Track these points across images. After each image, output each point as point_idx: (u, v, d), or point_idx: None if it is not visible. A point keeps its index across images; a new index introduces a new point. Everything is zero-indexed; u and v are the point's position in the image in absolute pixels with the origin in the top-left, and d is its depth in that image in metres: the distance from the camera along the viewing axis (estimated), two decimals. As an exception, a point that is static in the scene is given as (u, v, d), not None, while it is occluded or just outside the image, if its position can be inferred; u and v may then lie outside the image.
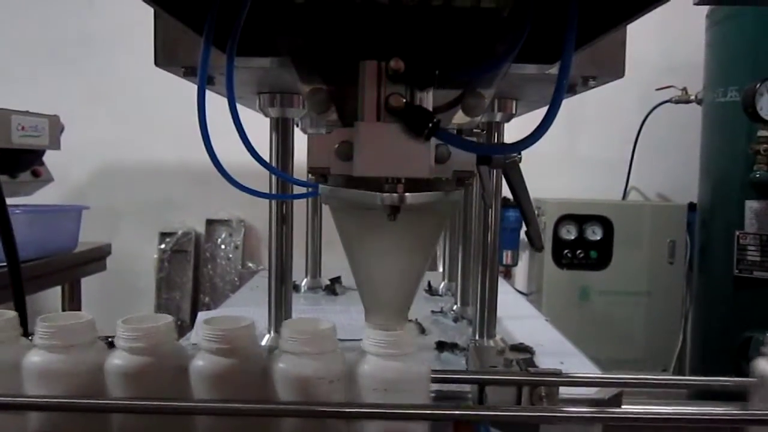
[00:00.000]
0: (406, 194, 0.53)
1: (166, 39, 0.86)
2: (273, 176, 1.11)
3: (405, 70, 0.50)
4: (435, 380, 0.72)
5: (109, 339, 0.65)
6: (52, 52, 3.06)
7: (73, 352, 0.61)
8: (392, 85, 0.52)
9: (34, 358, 0.61)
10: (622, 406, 0.58)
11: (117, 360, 0.61)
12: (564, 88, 0.48)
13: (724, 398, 0.66)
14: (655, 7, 0.53)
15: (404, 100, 0.51)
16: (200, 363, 0.61)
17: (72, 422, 0.59)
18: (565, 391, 0.66)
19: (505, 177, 0.66)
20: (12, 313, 0.66)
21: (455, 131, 0.74)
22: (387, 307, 0.63)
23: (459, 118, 0.62)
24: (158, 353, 0.61)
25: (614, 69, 0.88)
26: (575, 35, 0.48)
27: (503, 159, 0.60)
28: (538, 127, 0.50)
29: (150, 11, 0.86)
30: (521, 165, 0.66)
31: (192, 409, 0.59)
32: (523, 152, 0.86)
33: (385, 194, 0.53)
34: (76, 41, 3.05)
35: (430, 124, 0.51)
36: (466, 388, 0.73)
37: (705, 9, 2.42)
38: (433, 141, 0.54)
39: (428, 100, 0.55)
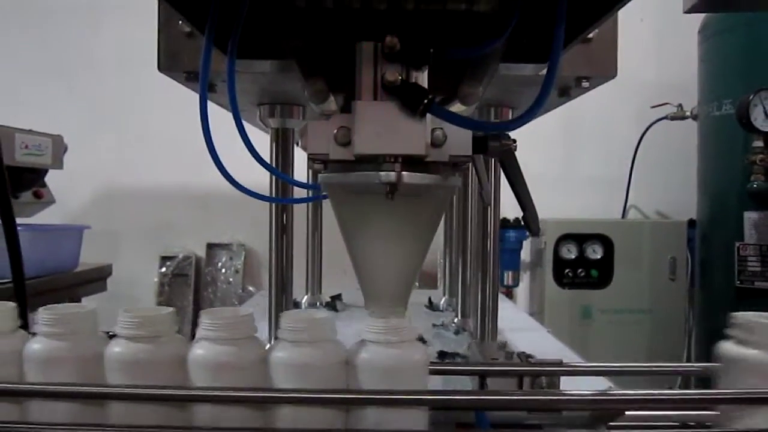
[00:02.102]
0: (404, 173, 0.54)
1: (169, 45, 0.88)
2: (273, 184, 1.12)
3: (400, 48, 0.52)
4: (437, 372, 0.72)
5: (111, 333, 0.65)
6: (58, 74, 3.09)
7: (74, 339, 0.61)
8: (388, 64, 0.53)
9: (36, 345, 0.61)
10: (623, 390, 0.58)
11: (117, 348, 0.61)
12: (560, 47, 0.48)
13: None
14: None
15: (399, 77, 0.53)
16: (200, 351, 0.61)
17: (72, 409, 0.59)
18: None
19: (501, 165, 0.67)
20: (10, 304, 0.66)
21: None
22: (386, 293, 0.63)
23: (455, 109, 0.63)
24: (158, 342, 0.61)
25: (607, 69, 0.89)
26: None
27: (499, 146, 0.61)
28: (535, 102, 0.51)
29: (154, 33, 0.89)
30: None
31: (192, 396, 0.59)
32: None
33: (382, 173, 0.54)
34: (81, 64, 3.09)
35: (425, 101, 0.52)
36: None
37: (697, 26, 2.46)
38: (430, 123, 0.55)
39: (423, 78, 0.56)
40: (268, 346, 1.13)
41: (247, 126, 1.15)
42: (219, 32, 0.62)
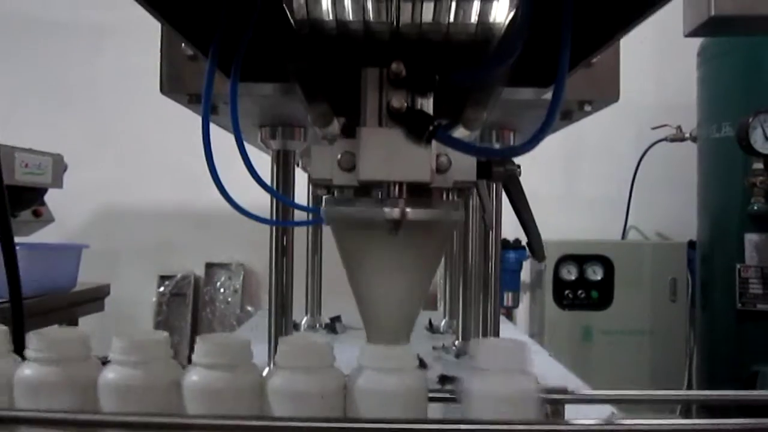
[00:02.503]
0: (408, 210, 0.54)
1: (172, 68, 0.88)
2: (273, 206, 1.11)
3: (406, 74, 0.52)
4: (438, 400, 0.71)
5: (104, 358, 0.64)
6: (59, 94, 3.10)
7: (66, 365, 0.60)
8: (393, 90, 0.53)
9: (26, 371, 0.60)
10: (632, 420, 0.57)
11: (110, 374, 0.60)
12: (565, 74, 0.48)
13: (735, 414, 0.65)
14: (644, 20, 0.55)
15: (405, 104, 0.53)
16: (194, 378, 0.60)
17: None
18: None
19: (504, 189, 0.67)
20: (2, 327, 0.65)
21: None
22: (389, 327, 0.62)
23: (458, 134, 0.62)
24: (152, 368, 0.60)
25: (609, 93, 0.89)
26: (571, 25, 0.49)
27: (503, 172, 0.61)
28: (541, 126, 0.51)
29: (155, 56, 0.89)
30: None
31: (186, 424, 0.58)
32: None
33: (386, 209, 0.54)
34: (82, 83, 3.10)
35: (431, 127, 0.52)
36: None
37: (696, 47, 2.47)
38: (434, 150, 0.55)
39: (429, 105, 0.56)
40: (267, 369, 1.13)
41: (248, 147, 1.15)
42: (222, 55, 0.62)
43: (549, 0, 0.55)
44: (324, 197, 0.63)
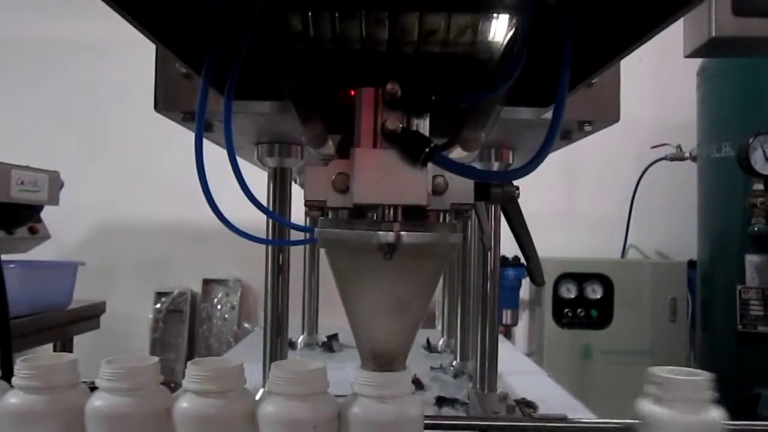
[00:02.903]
0: (403, 234, 0.52)
1: (167, 85, 0.87)
2: (270, 226, 1.10)
3: (401, 95, 0.51)
4: (434, 426, 0.69)
5: (92, 385, 0.62)
6: (56, 110, 3.11)
7: (53, 393, 0.58)
8: (389, 111, 0.52)
9: (12, 399, 0.58)
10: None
11: (98, 401, 0.58)
12: (565, 96, 0.47)
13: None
14: (645, 41, 0.54)
15: (401, 125, 0.51)
16: (185, 405, 0.58)
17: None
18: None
19: (503, 212, 0.65)
20: None
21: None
22: (384, 355, 0.61)
23: (456, 154, 0.61)
24: (141, 395, 0.58)
25: (610, 114, 0.88)
26: (572, 46, 0.49)
27: (501, 194, 0.60)
28: (539, 150, 0.50)
29: (151, 72, 0.88)
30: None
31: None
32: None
33: (380, 233, 0.52)
34: (79, 100, 3.11)
35: (427, 149, 0.51)
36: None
37: (696, 67, 2.47)
38: (431, 171, 0.54)
39: (425, 126, 0.54)
40: (261, 391, 1.11)
41: (244, 163, 1.14)
42: (216, 72, 0.61)
43: (548, 20, 0.54)
44: (318, 219, 0.61)
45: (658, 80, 2.87)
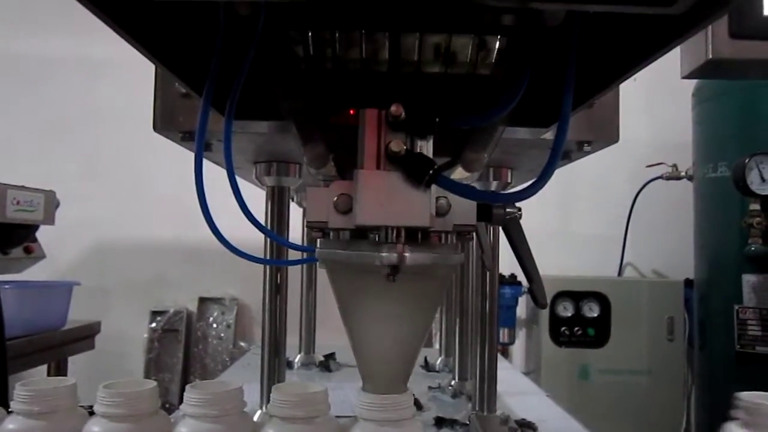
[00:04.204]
0: (407, 255, 0.52)
1: (165, 105, 0.87)
2: (267, 245, 1.10)
3: (405, 117, 0.50)
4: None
5: (91, 409, 0.61)
6: (52, 129, 3.10)
7: (51, 418, 0.58)
8: (392, 133, 0.52)
9: (11, 425, 0.58)
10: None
11: (96, 427, 0.57)
12: (567, 119, 0.47)
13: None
14: (647, 65, 0.54)
15: (404, 147, 0.51)
16: (184, 430, 0.58)
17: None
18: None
19: (505, 233, 0.65)
20: None
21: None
22: (385, 376, 0.60)
23: (458, 174, 0.61)
24: (140, 420, 0.57)
25: (609, 134, 0.89)
26: (575, 68, 0.49)
27: (503, 215, 0.60)
28: (542, 173, 0.50)
29: (149, 91, 0.88)
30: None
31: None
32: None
33: (384, 254, 0.52)
34: (75, 119, 3.10)
35: (431, 171, 0.50)
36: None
37: (691, 88, 2.49)
38: (434, 193, 0.54)
39: (428, 148, 0.54)
40: (259, 413, 1.10)
41: (242, 183, 1.14)
42: (216, 92, 0.61)
43: (549, 42, 0.54)
44: (318, 240, 0.61)
45: (654, 100, 2.89)
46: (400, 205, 0.52)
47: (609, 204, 3.10)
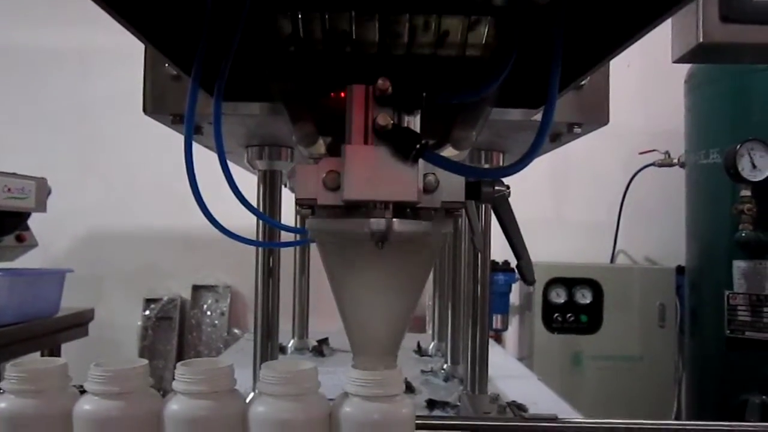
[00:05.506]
0: (394, 221, 0.52)
1: (155, 88, 0.87)
2: (260, 228, 1.10)
3: (392, 92, 0.51)
4: (426, 426, 0.69)
5: (82, 388, 0.61)
6: (44, 117, 3.09)
7: (43, 397, 0.58)
8: (379, 108, 0.52)
9: (2, 404, 0.58)
10: None
11: (87, 405, 0.57)
12: (555, 95, 0.47)
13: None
14: (634, 42, 0.54)
15: (391, 122, 0.51)
16: (175, 407, 0.58)
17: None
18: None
19: (494, 211, 0.65)
20: None
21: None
22: (376, 346, 0.60)
23: (447, 153, 0.61)
24: (131, 398, 0.57)
25: (598, 116, 0.89)
26: (562, 46, 0.49)
27: (492, 192, 0.60)
28: (530, 149, 0.50)
29: (140, 79, 0.88)
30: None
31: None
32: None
33: (372, 220, 0.52)
34: (67, 107, 3.09)
35: (418, 146, 0.51)
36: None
37: (683, 74, 2.49)
38: (422, 169, 0.54)
39: (416, 123, 0.54)
40: (251, 395, 1.10)
41: (234, 167, 1.14)
42: (206, 74, 0.61)
43: (538, 22, 0.54)
44: (308, 218, 0.61)
45: (647, 86, 2.90)
46: (388, 179, 0.52)
47: (602, 191, 3.10)
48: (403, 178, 0.52)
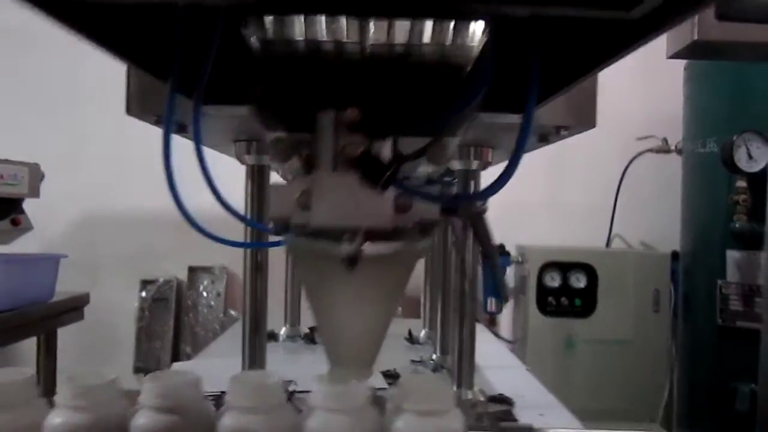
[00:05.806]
0: (365, 245, 0.52)
1: (138, 88, 0.86)
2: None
3: (362, 119, 0.50)
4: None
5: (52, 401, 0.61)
6: (37, 101, 3.06)
7: (7, 412, 0.57)
8: (349, 135, 0.51)
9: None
10: None
11: (57, 419, 0.57)
12: (526, 138, 0.47)
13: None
14: (623, 57, 0.53)
15: (360, 149, 0.51)
16: (141, 421, 0.58)
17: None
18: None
19: (472, 228, 0.65)
20: None
21: (427, 178, 0.74)
22: (352, 357, 0.61)
23: (424, 168, 0.61)
24: (100, 412, 0.57)
25: (586, 119, 0.89)
26: (538, 90, 0.48)
27: (469, 209, 0.59)
28: (500, 176, 0.50)
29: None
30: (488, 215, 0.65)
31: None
32: (506, 199, 0.86)
33: (342, 245, 0.52)
34: (60, 91, 3.06)
35: (387, 173, 0.50)
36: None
37: (684, 61, 2.47)
38: (395, 189, 0.53)
39: (388, 148, 0.54)
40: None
41: (225, 158, 1.13)
42: (185, 79, 0.60)
43: (520, 31, 0.53)
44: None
45: (647, 72, 2.87)
46: (358, 206, 0.52)
47: (598, 175, 3.09)
48: (374, 204, 0.51)
